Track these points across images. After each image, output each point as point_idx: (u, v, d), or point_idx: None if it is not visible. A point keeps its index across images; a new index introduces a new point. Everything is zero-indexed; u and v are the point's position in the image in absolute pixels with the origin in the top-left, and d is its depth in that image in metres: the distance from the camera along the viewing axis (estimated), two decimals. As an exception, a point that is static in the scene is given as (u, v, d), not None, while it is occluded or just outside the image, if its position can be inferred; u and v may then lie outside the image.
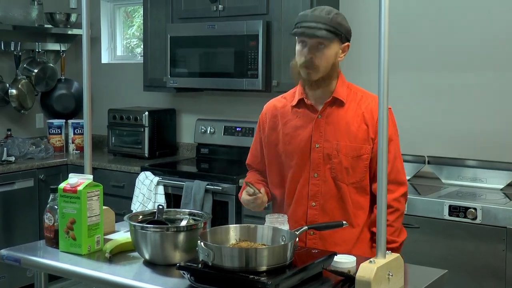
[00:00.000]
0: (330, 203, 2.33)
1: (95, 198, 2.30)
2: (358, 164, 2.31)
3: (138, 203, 4.16)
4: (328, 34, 2.23)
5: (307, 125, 2.35)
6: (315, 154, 2.33)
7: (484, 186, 3.57)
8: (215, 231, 2.05)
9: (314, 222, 2.33)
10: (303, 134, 2.35)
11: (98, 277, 2.08)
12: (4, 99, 4.98)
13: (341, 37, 2.29)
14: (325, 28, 2.23)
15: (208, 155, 4.75)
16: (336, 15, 2.27)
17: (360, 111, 2.34)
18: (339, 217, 2.32)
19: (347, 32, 2.32)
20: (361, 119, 2.33)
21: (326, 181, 2.33)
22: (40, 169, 4.63)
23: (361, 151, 2.31)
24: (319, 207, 2.34)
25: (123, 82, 5.31)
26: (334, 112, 2.34)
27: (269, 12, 4.05)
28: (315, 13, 2.26)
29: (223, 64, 4.23)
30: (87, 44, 2.61)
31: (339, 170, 2.31)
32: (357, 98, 2.36)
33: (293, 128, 2.38)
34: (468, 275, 3.16)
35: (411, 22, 3.91)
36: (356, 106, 2.34)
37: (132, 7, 5.49)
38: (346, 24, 2.31)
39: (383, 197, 1.87)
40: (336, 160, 2.31)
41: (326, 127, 2.33)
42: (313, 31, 2.22)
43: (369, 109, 2.33)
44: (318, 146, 2.33)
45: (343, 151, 2.31)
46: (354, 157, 2.31)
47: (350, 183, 2.33)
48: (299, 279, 1.89)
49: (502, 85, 3.66)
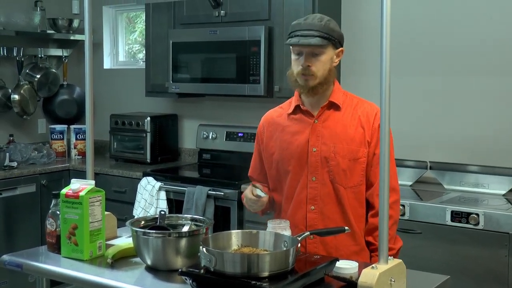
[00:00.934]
0: (330, 207, 2.34)
1: (97, 203, 2.30)
2: (355, 167, 2.34)
3: (140, 208, 4.16)
4: (322, 40, 2.27)
5: (304, 130, 2.38)
6: (313, 158, 2.35)
7: (486, 191, 3.57)
8: (217, 237, 2.05)
9: (313, 226, 2.34)
10: (300, 139, 2.38)
11: (100, 283, 2.08)
12: (6, 104, 4.98)
13: (334, 42, 2.32)
14: (318, 35, 2.27)
15: (210, 161, 4.76)
16: (328, 22, 2.32)
17: (356, 115, 2.37)
18: (339, 221, 2.34)
19: (340, 37, 2.36)
20: (358, 122, 2.36)
21: (325, 184, 2.34)
22: (42, 175, 4.63)
23: (358, 154, 2.34)
24: (318, 211, 2.35)
25: (125, 88, 5.32)
26: (330, 116, 2.38)
27: (271, 18, 4.06)
28: (307, 21, 2.31)
29: (225, 69, 4.23)
30: (90, 49, 2.61)
31: (337, 173, 2.33)
32: (353, 103, 2.40)
33: (290, 134, 2.41)
34: (471, 281, 3.15)
35: (414, 26, 3.91)
36: (352, 110, 2.38)
37: (134, 13, 5.50)
38: (338, 29, 2.36)
39: (385, 204, 1.87)
40: (333, 162, 2.33)
41: (323, 131, 2.36)
42: (308, 39, 2.26)
43: (365, 113, 2.37)
44: (316, 150, 2.35)
45: (340, 153, 2.33)
46: (351, 159, 2.33)
47: (348, 187, 2.34)
48: (301, 285, 1.89)
49: (504, 91, 3.66)
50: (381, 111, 1.87)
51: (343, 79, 4.15)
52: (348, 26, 4.10)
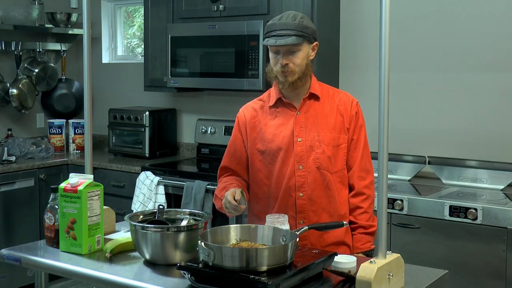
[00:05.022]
0: (317, 192, 2.44)
1: (96, 198, 2.30)
2: (338, 153, 2.47)
3: (138, 203, 4.17)
4: (297, 39, 2.37)
5: (288, 122, 2.48)
6: (298, 148, 2.45)
7: (484, 186, 3.58)
8: (215, 231, 2.06)
9: (303, 211, 2.44)
10: (285, 131, 2.47)
11: (99, 277, 2.09)
12: (4, 98, 4.98)
13: (309, 38, 2.42)
14: (294, 34, 2.37)
15: (208, 155, 4.76)
16: (302, 19, 2.42)
17: (334, 104, 2.50)
18: (326, 206, 2.45)
19: (314, 33, 2.45)
20: (337, 111, 2.49)
21: (311, 172, 2.44)
22: (41, 169, 4.63)
23: (339, 140, 2.47)
24: (306, 197, 2.44)
25: (124, 82, 5.31)
26: (311, 106, 2.50)
27: (270, 12, 4.05)
28: (282, 21, 2.41)
29: (224, 64, 4.23)
30: (88, 44, 2.61)
31: (323, 160, 2.44)
32: (330, 94, 2.53)
33: (274, 127, 2.49)
34: (469, 275, 3.16)
35: (412, 22, 3.91)
36: (330, 100, 2.51)
37: (133, 7, 5.49)
38: (312, 25, 2.46)
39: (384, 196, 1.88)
40: (319, 150, 2.44)
41: (306, 122, 2.47)
42: (284, 39, 2.36)
43: (343, 102, 2.51)
44: (301, 140, 2.45)
45: (325, 141, 2.45)
46: (334, 146, 2.46)
47: (334, 172, 2.46)
48: (299, 279, 1.89)
49: (503, 85, 3.66)
50: (380, 106, 1.89)
51: (342, 75, 4.15)
52: (346, 21, 4.09)
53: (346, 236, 2.48)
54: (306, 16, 2.47)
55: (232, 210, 2.33)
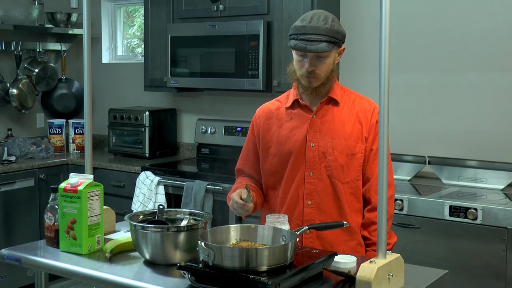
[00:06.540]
0: (326, 202, 2.34)
1: (96, 198, 2.30)
2: (352, 163, 2.33)
3: (138, 203, 4.17)
4: (328, 46, 2.25)
5: (302, 125, 2.38)
6: (310, 153, 2.35)
7: (484, 186, 3.57)
8: (215, 231, 2.05)
9: (310, 220, 2.34)
10: (298, 134, 2.37)
11: (99, 277, 2.08)
12: (4, 98, 4.98)
13: (339, 43, 2.31)
14: (325, 40, 2.24)
15: (208, 155, 4.76)
16: (333, 23, 2.28)
17: (354, 110, 2.37)
18: (335, 216, 2.34)
19: (343, 37, 2.33)
20: (356, 118, 2.36)
21: (322, 180, 2.34)
22: (41, 169, 4.63)
23: (355, 149, 2.33)
24: (315, 206, 2.35)
25: (124, 82, 5.31)
26: (329, 111, 2.37)
27: (270, 12, 4.05)
28: (312, 24, 2.25)
29: (224, 64, 4.23)
30: (88, 44, 2.61)
31: (335, 168, 2.33)
32: (351, 99, 2.40)
33: (288, 129, 2.40)
34: (469, 275, 3.16)
35: (412, 22, 3.91)
36: (350, 106, 2.38)
37: (133, 7, 5.49)
38: (342, 29, 2.33)
39: (383, 200, 1.87)
40: (331, 157, 2.33)
41: (321, 126, 2.36)
42: (314, 45, 2.23)
43: (363, 109, 2.37)
44: (313, 145, 2.35)
45: (338, 149, 2.33)
46: (348, 154, 2.33)
47: (345, 182, 2.34)
48: (299, 279, 1.89)
49: (503, 85, 3.66)
50: (380, 107, 1.87)
51: (342, 75, 4.14)
52: (346, 21, 4.09)
53: (358, 252, 2.35)
54: (336, 18, 2.32)
55: (239, 209, 2.32)
